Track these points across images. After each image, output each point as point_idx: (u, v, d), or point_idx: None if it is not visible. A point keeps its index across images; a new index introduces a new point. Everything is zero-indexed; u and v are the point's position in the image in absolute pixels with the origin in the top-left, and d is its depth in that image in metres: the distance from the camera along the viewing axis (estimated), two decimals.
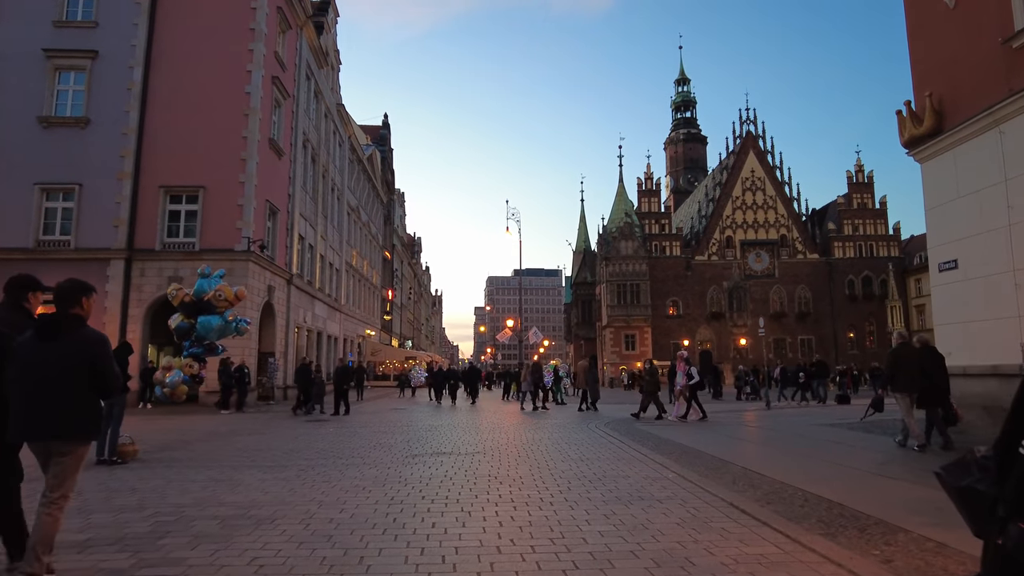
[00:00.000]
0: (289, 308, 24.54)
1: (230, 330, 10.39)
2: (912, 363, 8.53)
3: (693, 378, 13.85)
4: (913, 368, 8.47)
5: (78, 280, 3.47)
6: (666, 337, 56.77)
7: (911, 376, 8.41)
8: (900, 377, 8.51)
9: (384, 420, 14.75)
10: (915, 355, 8.74)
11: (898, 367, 8.64)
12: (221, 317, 9.98)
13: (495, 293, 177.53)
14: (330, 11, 32.37)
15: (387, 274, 53.03)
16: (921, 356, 8.69)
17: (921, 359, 8.62)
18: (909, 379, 8.41)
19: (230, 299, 10.02)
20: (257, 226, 21.11)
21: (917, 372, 8.45)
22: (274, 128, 23.15)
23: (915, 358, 8.66)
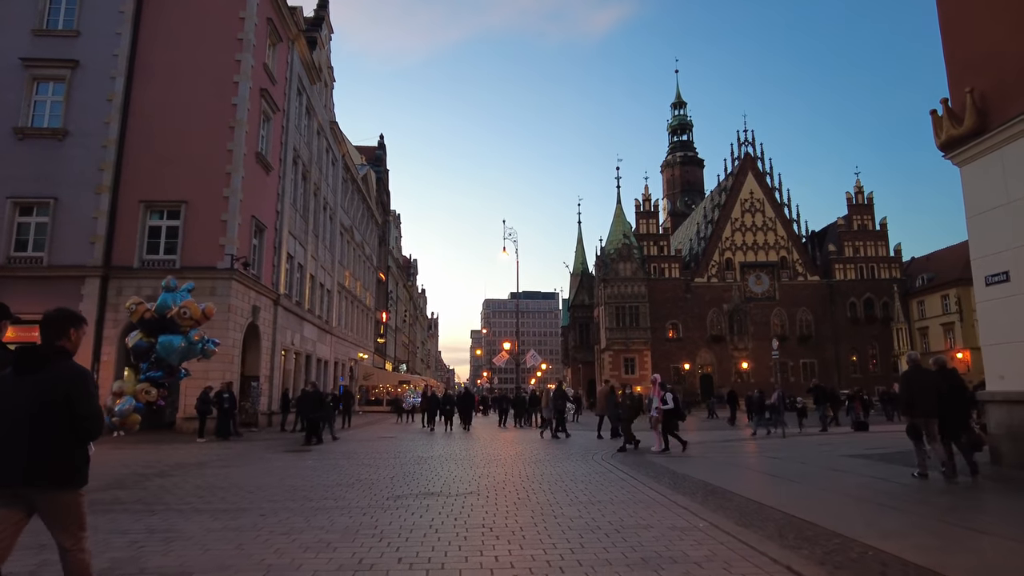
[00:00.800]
0: (275, 330, 23.43)
1: (195, 352, 9.29)
2: (929, 387, 8.10)
3: (667, 404, 12.44)
4: (930, 392, 8.04)
5: (68, 309, 3.18)
6: (666, 360, 55.60)
7: (930, 400, 7.97)
8: (919, 402, 8.07)
9: (371, 450, 13.59)
10: (931, 378, 8.28)
11: (914, 391, 8.18)
12: (185, 337, 8.88)
13: (492, 316, 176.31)
14: (324, 27, 31.81)
15: (381, 296, 51.96)
16: (938, 379, 8.23)
17: (938, 382, 8.17)
18: (929, 404, 7.96)
19: (196, 317, 8.94)
20: (242, 243, 20.11)
21: (935, 396, 8.00)
22: (262, 142, 22.28)
23: (931, 381, 8.20)
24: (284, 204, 24.40)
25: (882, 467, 9.16)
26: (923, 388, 8.12)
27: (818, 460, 10.54)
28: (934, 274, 54.64)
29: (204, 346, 9.25)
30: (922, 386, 8.15)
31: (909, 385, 8.38)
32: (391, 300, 58.52)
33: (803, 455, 11.47)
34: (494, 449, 13.79)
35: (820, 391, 21.33)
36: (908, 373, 8.58)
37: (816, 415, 21.13)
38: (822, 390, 21.39)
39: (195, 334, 8.93)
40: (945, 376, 8.41)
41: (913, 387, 8.27)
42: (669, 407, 12.48)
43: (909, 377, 8.50)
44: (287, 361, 25.68)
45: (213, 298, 18.87)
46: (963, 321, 49.79)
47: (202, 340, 9.16)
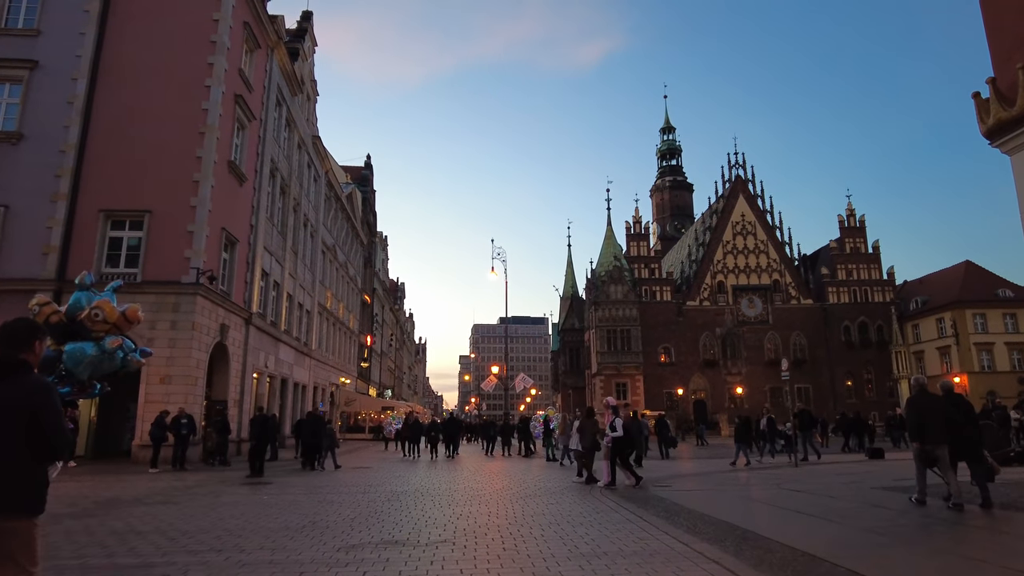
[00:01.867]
0: (247, 351, 21.90)
1: (114, 364, 7.79)
2: (938, 412, 7.75)
3: (616, 432, 10.71)
4: (939, 417, 7.69)
5: (30, 320, 3.13)
6: (659, 386, 54.29)
7: (939, 426, 7.63)
8: (929, 428, 7.69)
9: (340, 483, 12.10)
10: (940, 403, 7.90)
11: (924, 417, 7.82)
12: (97, 345, 7.40)
13: (480, 341, 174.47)
14: (307, 39, 30.87)
15: (366, 319, 50.41)
16: (946, 404, 7.85)
17: (947, 407, 7.79)
18: (939, 430, 7.62)
19: (112, 320, 7.42)
20: (210, 256, 18.72)
21: (944, 422, 7.65)
22: (236, 151, 21.02)
23: (940, 406, 7.82)
24: (259, 218, 23.07)
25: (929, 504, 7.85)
26: (932, 413, 7.75)
27: (846, 494, 9.23)
28: (928, 297, 53.98)
29: (127, 356, 7.76)
30: (931, 411, 7.79)
31: (918, 410, 7.96)
32: (376, 323, 56.93)
33: (826, 487, 10.15)
34: (478, 482, 12.34)
35: (806, 416, 19.77)
36: (915, 398, 8.16)
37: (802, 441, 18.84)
38: (808, 415, 19.80)
39: (111, 341, 7.41)
40: (953, 401, 8.00)
41: (923, 412, 7.87)
42: (618, 434, 10.76)
43: (917, 402, 8.06)
44: (259, 384, 24.09)
45: (176, 315, 17.51)
46: (959, 345, 48.97)
47: (123, 348, 7.65)
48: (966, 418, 7.89)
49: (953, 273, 53.96)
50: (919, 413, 7.93)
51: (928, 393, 8.21)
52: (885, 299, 55.12)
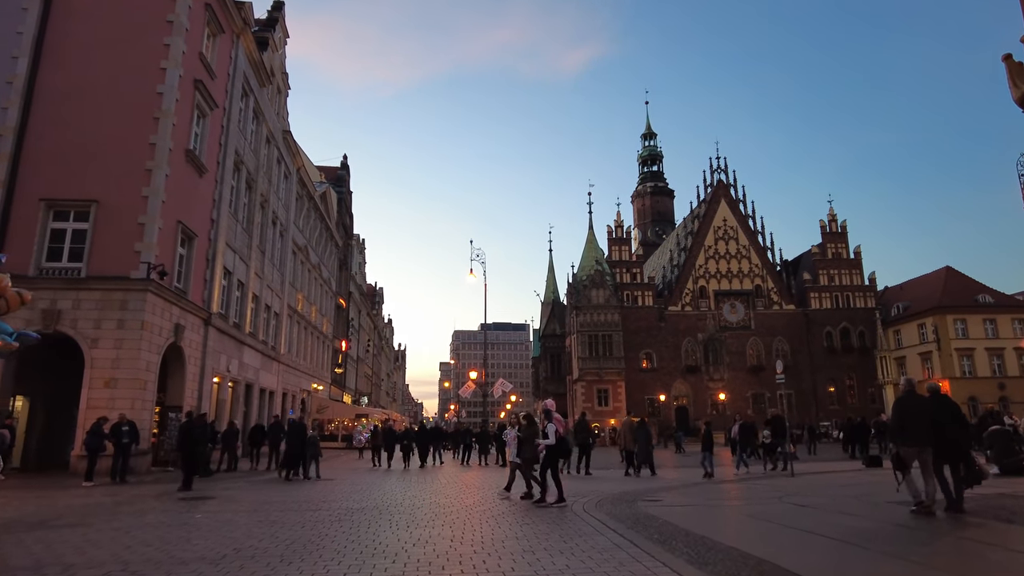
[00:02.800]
0: (205, 353, 20.48)
1: None
2: (923, 413, 7.59)
3: (548, 439, 9.42)
4: (924, 419, 7.52)
5: None
6: (640, 392, 53.43)
7: (922, 428, 7.46)
8: (911, 430, 7.56)
9: (292, 498, 10.84)
10: (926, 405, 7.73)
11: (907, 419, 7.68)
12: None
13: (461, 348, 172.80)
14: (278, 29, 29.58)
15: (341, 323, 48.89)
16: (932, 406, 7.67)
17: (932, 409, 7.61)
18: (920, 431, 7.46)
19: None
20: (164, 251, 17.36)
21: (929, 424, 7.47)
22: (195, 140, 19.69)
23: (926, 408, 7.66)
24: (221, 212, 21.69)
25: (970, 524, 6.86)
26: (917, 415, 7.61)
27: (860, 509, 8.23)
28: (909, 303, 53.87)
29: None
30: (916, 413, 7.63)
31: (902, 411, 7.81)
32: (352, 328, 55.39)
33: (833, 500, 9.16)
34: (447, 496, 11.14)
35: (779, 423, 17.82)
36: (902, 398, 8.00)
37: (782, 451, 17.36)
38: (781, 422, 17.87)
39: None
40: (940, 403, 7.77)
41: (906, 414, 7.72)
42: (550, 442, 9.39)
43: (903, 403, 7.90)
44: (221, 390, 22.65)
45: (124, 313, 16.14)
46: (940, 350, 48.81)
47: None
48: (953, 420, 7.62)
49: (934, 279, 53.94)
50: (904, 414, 7.77)
51: (916, 394, 7.99)
52: (867, 305, 54.92)
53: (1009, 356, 48.51)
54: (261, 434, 19.22)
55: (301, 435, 16.18)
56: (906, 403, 7.87)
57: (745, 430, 18.03)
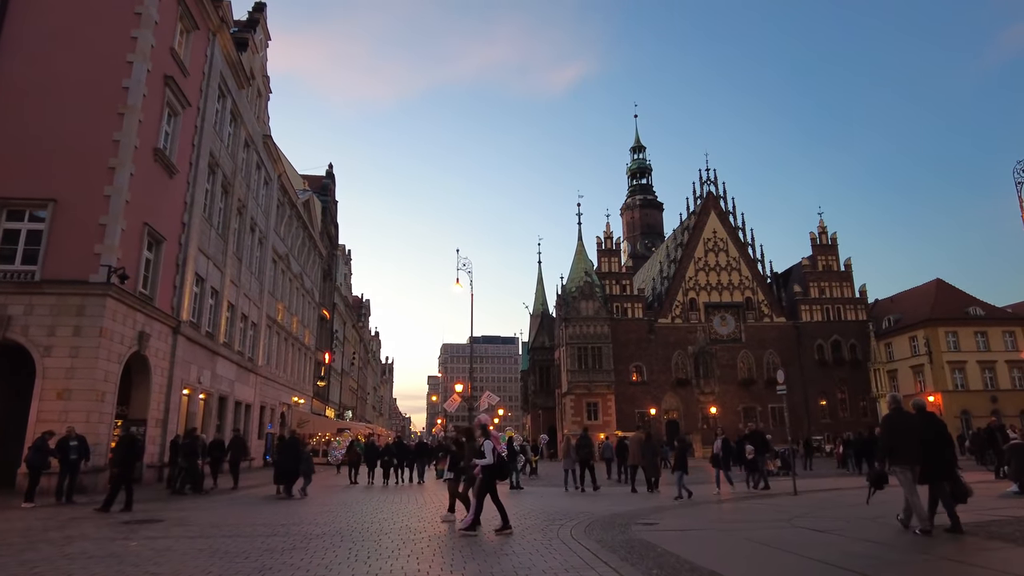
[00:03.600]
0: (173, 364, 19.37)
1: None
2: (911, 431, 7.57)
3: (485, 459, 8.26)
4: (912, 437, 7.50)
5: None
6: (630, 405, 52.48)
7: (912, 447, 7.46)
8: (899, 448, 7.57)
9: (245, 520, 9.80)
10: (913, 422, 7.69)
11: (896, 437, 7.68)
12: None
13: (449, 361, 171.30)
14: (259, 31, 28.77)
15: (324, 335, 47.72)
16: (920, 424, 7.64)
17: (920, 427, 7.60)
18: (910, 450, 7.46)
19: None
20: (127, 254, 16.33)
21: (917, 442, 7.45)
22: (165, 139, 18.74)
23: (914, 426, 7.63)
24: (193, 216, 20.69)
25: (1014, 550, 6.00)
26: (906, 433, 7.60)
27: (886, 536, 7.34)
28: (900, 315, 53.49)
29: None
30: (905, 431, 7.64)
31: (891, 430, 7.80)
32: (336, 340, 54.19)
33: (850, 524, 8.28)
34: (420, 519, 10.14)
35: (759, 439, 16.27)
36: (890, 416, 7.98)
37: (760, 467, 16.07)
38: (761, 437, 16.40)
39: None
40: (927, 420, 7.72)
41: (895, 432, 7.73)
42: (487, 462, 8.20)
43: (891, 421, 7.89)
44: (191, 403, 21.50)
45: (81, 319, 15.08)
46: (933, 363, 48.34)
47: None
48: (939, 438, 7.57)
49: (924, 291, 53.63)
50: (893, 432, 7.75)
51: (904, 412, 7.96)
52: (858, 317, 54.43)
53: (1001, 369, 48.12)
54: (220, 450, 17.94)
55: (295, 451, 15.66)
56: (894, 421, 7.81)
57: (727, 447, 16.31)
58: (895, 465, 7.61)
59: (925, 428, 7.53)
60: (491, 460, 8.21)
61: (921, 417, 7.73)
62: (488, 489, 8.26)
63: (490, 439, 8.42)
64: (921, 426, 7.57)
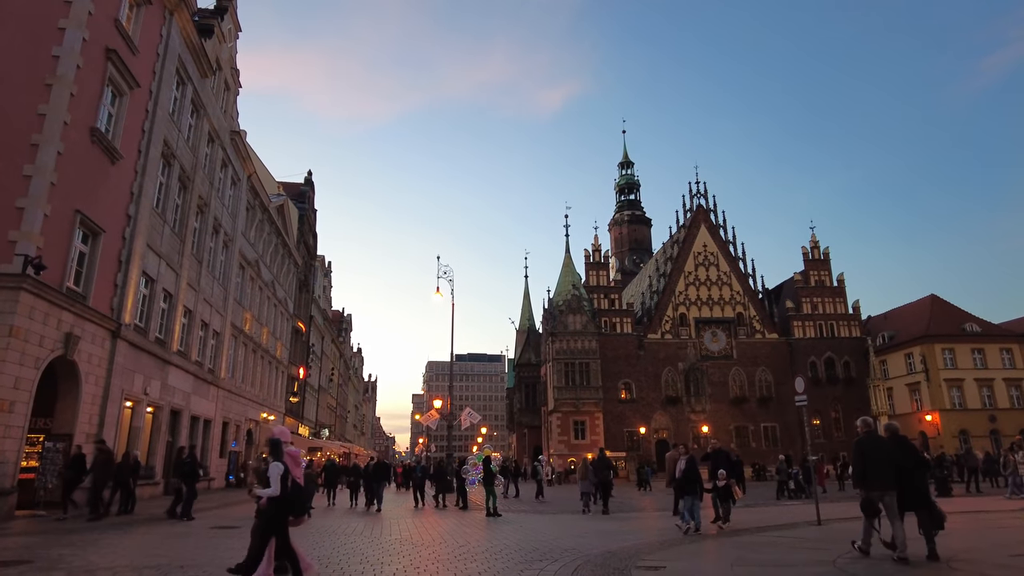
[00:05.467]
0: (111, 372, 17.21)
1: None
2: (884, 456, 7.36)
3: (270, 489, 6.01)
4: (886, 462, 7.29)
5: None
6: (619, 424, 50.51)
7: (884, 472, 7.24)
8: (874, 474, 7.35)
9: (161, 552, 7.75)
10: (886, 447, 7.51)
11: (869, 462, 7.48)
12: None
13: (433, 379, 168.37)
14: (227, 19, 26.98)
15: (299, 349, 45.42)
16: (893, 448, 7.47)
17: (893, 452, 7.41)
18: (882, 476, 7.25)
19: None
20: (53, 244, 14.29)
21: (892, 467, 7.24)
22: (106, 119, 16.80)
23: (886, 450, 7.46)
24: (141, 208, 18.66)
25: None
26: (878, 458, 7.45)
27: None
28: (894, 332, 52.18)
29: None
30: (878, 456, 7.48)
31: (863, 454, 7.66)
32: (313, 355, 51.86)
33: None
34: (363, 562, 8.14)
35: (721, 457, 13.43)
36: (862, 441, 7.82)
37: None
38: (724, 456, 13.64)
39: None
40: (900, 444, 7.59)
41: (867, 457, 7.59)
42: (270, 492, 5.91)
43: (863, 445, 7.71)
44: (135, 416, 19.29)
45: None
46: (930, 381, 46.92)
47: None
48: (913, 462, 7.44)
49: (919, 307, 52.44)
50: (865, 457, 7.59)
51: (876, 435, 7.84)
52: (851, 334, 53.03)
53: (999, 387, 46.80)
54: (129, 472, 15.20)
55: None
56: (867, 446, 7.61)
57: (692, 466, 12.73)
58: (870, 491, 7.42)
59: (900, 453, 7.37)
60: (276, 490, 5.88)
61: (894, 442, 7.54)
62: (273, 529, 6.02)
63: (281, 460, 6.11)
64: (894, 451, 7.40)
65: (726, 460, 13.37)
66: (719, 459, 13.20)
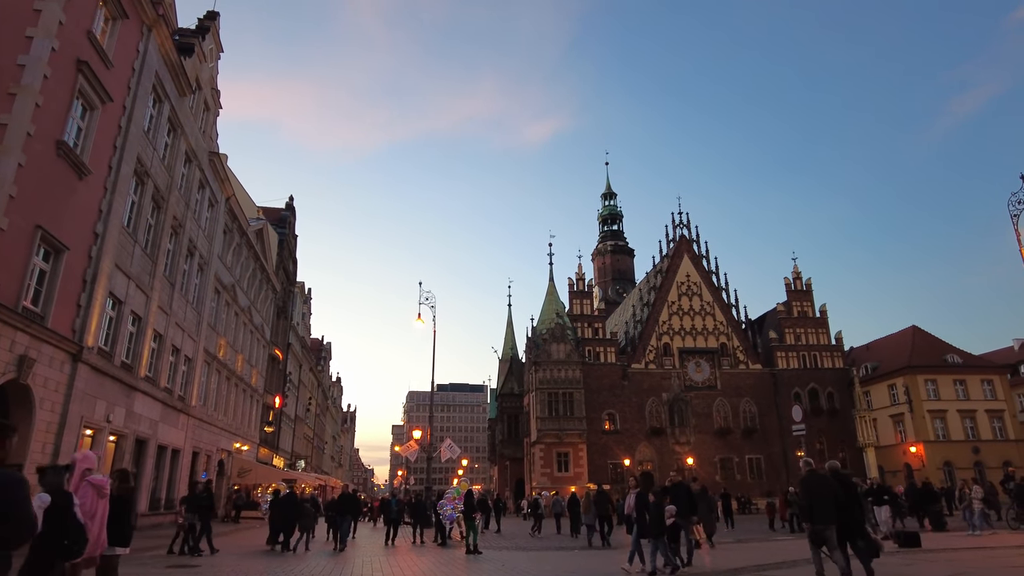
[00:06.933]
0: (70, 397, 16.23)
1: None
2: (826, 492, 8.11)
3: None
4: (828, 498, 8.05)
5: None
6: (603, 456, 49.60)
7: (828, 506, 8.00)
8: (818, 508, 8.06)
9: None
10: (829, 484, 8.29)
11: (814, 498, 8.16)
12: None
13: (414, 409, 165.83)
14: (209, 39, 26.63)
15: (275, 377, 44.20)
16: (834, 484, 8.26)
17: (835, 488, 8.20)
18: (829, 510, 7.99)
19: None
20: (9, 260, 13.52)
21: (833, 502, 8.01)
22: (76, 134, 16.17)
23: (829, 487, 8.21)
24: (109, 226, 17.89)
25: None
26: (822, 494, 8.11)
27: None
28: (877, 363, 52.22)
29: None
30: (820, 492, 8.15)
31: (808, 491, 8.34)
32: (290, 384, 50.54)
33: None
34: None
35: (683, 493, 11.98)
36: (806, 479, 8.53)
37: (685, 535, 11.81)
38: (686, 491, 12.26)
39: None
40: (840, 481, 8.41)
41: (812, 493, 8.24)
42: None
43: (808, 483, 8.45)
44: (96, 445, 18.20)
45: None
46: (913, 412, 46.80)
47: None
48: (850, 498, 8.18)
49: (900, 339, 52.65)
50: (810, 494, 8.24)
51: (818, 474, 8.51)
52: (834, 365, 52.96)
53: (981, 418, 46.81)
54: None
55: (293, 506, 15.76)
56: (811, 483, 8.33)
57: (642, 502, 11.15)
58: (812, 524, 8.09)
59: (840, 489, 8.12)
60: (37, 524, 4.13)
61: (835, 478, 8.38)
62: (36, 571, 4.85)
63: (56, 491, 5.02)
64: (834, 487, 8.13)
65: (686, 495, 11.91)
66: (679, 494, 11.64)
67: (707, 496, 16.17)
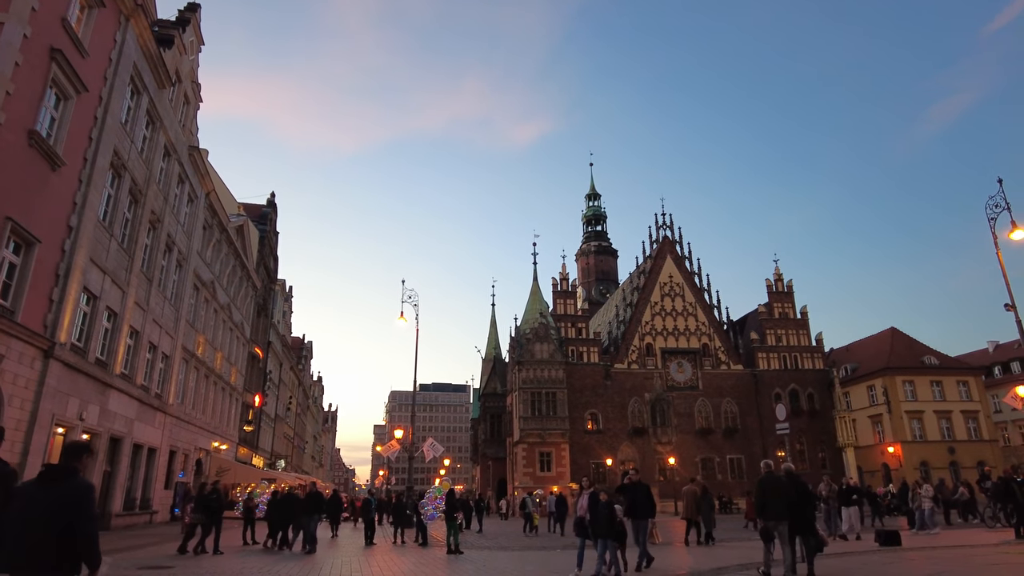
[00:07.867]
0: (40, 394, 15.80)
1: None
2: (780, 492, 8.79)
3: None
4: (782, 497, 8.71)
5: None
6: (585, 456, 49.63)
7: (781, 505, 8.64)
8: (772, 506, 8.72)
9: None
10: (783, 484, 8.96)
11: (768, 497, 8.81)
12: None
13: (396, 409, 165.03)
14: (189, 31, 26.15)
15: (255, 375, 43.64)
16: (788, 485, 8.96)
17: (788, 488, 8.90)
18: (781, 508, 8.63)
19: None
20: None
21: (785, 501, 8.66)
22: (47, 123, 15.74)
23: (783, 487, 8.90)
24: (84, 219, 17.46)
25: None
26: (775, 493, 8.80)
27: None
28: (856, 364, 52.85)
29: None
30: (774, 491, 8.83)
31: (763, 490, 8.96)
32: (270, 382, 49.94)
33: None
34: None
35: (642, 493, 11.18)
36: (763, 479, 9.14)
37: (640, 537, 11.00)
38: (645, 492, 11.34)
39: None
40: (794, 482, 9.12)
41: (767, 492, 8.89)
42: None
43: (763, 483, 9.06)
44: None
45: None
46: (891, 412, 47.43)
47: None
48: (803, 497, 8.94)
49: (879, 340, 53.34)
50: (765, 493, 8.89)
51: (774, 475, 9.21)
52: (815, 366, 53.53)
53: (957, 419, 47.57)
54: None
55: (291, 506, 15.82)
56: (766, 483, 9.00)
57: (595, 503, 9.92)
58: (768, 520, 8.77)
59: (793, 489, 8.85)
60: None
61: (789, 479, 9.16)
62: None
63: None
64: (788, 487, 8.84)
65: (645, 497, 11.08)
66: (637, 494, 10.94)
67: (708, 496, 16.86)
